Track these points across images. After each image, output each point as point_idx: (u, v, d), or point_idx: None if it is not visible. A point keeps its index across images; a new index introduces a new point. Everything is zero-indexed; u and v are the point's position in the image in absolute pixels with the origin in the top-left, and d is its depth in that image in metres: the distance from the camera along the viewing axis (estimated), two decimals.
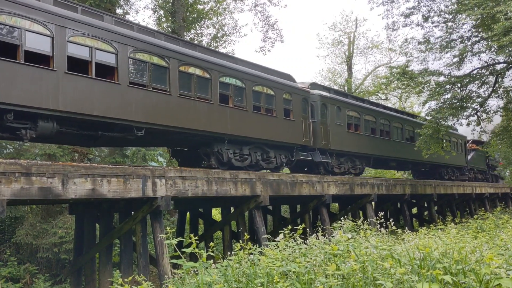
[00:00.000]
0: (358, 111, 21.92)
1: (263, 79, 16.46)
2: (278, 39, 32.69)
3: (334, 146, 19.40)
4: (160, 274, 11.40)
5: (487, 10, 16.21)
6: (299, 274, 5.27)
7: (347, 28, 45.49)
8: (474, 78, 19.93)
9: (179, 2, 27.47)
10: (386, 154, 23.86)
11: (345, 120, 20.66)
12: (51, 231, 17.82)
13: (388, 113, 25.07)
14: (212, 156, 14.56)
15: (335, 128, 19.77)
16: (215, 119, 14.11)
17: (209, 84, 14.20)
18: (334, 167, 19.68)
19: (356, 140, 21.31)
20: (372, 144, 22.49)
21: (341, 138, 20.03)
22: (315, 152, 18.53)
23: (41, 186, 8.99)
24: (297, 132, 17.56)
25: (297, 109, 17.81)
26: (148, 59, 12.49)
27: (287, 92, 17.41)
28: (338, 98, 20.65)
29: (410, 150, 25.54)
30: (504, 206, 29.78)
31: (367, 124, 22.49)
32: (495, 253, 6.36)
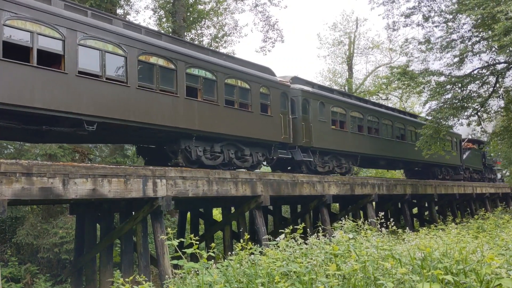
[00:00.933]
0: (343, 107, 20.87)
1: (237, 71, 15.43)
2: (278, 39, 32.69)
3: (317, 144, 18.45)
4: (161, 274, 11.40)
5: (487, 10, 16.20)
6: (300, 274, 5.27)
7: (348, 28, 45.51)
8: (475, 78, 19.92)
9: (179, 3, 27.48)
10: (375, 152, 22.90)
11: (330, 117, 19.68)
12: (51, 231, 17.83)
13: (376, 110, 24.02)
14: (179, 153, 13.63)
15: (318, 125, 18.81)
16: (181, 113, 13.10)
17: (174, 76, 13.17)
18: (318, 166, 18.79)
19: (342, 137, 20.36)
20: (359, 142, 21.53)
21: (325, 136, 19.08)
22: (296, 150, 17.66)
23: (42, 186, 8.99)
24: (275, 128, 16.60)
25: (275, 104, 16.84)
26: (102, 47, 11.42)
27: (264, 86, 16.45)
28: (321, 93, 19.64)
29: (401, 149, 24.97)
30: (504, 206, 29.75)
31: (353, 121, 21.50)
32: (495, 253, 6.37)
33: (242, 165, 15.65)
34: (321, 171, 18.89)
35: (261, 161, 16.47)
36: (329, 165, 19.65)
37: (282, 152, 17.15)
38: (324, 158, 19.37)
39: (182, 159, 13.66)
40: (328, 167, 19.60)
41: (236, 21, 35.13)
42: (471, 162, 34.48)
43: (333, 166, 19.93)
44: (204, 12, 31.43)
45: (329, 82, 45.45)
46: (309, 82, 19.82)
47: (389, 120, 24.65)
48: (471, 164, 34.48)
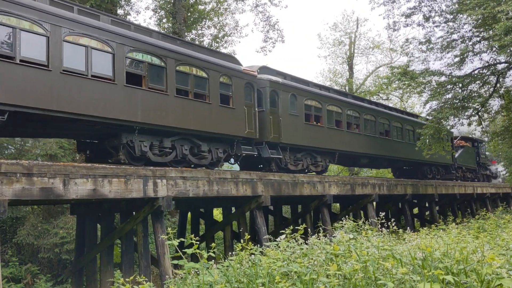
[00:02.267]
0: (319, 100, 19.26)
1: (192, 58, 13.82)
2: (279, 39, 32.69)
3: (287, 140, 16.97)
4: (161, 275, 11.40)
5: (488, 10, 16.20)
6: (301, 274, 5.27)
7: (348, 28, 45.50)
8: (475, 78, 19.92)
9: (180, 3, 27.49)
10: (355, 149, 21.34)
11: (303, 110, 18.10)
12: (52, 232, 17.84)
13: (357, 104, 22.30)
14: (121, 149, 12.14)
15: (289, 119, 17.27)
16: (120, 103, 11.51)
17: (112, 61, 11.57)
18: (289, 163, 17.49)
19: (317, 133, 18.75)
20: (337, 138, 19.95)
21: (297, 131, 17.56)
22: (263, 147, 16.17)
23: (42, 186, 9.00)
24: (238, 122, 15.06)
25: (238, 96, 15.29)
26: (16, 24, 9.78)
27: (225, 75, 14.88)
28: (293, 85, 17.98)
29: (386, 146, 23.60)
30: (505, 206, 29.73)
31: (330, 116, 19.90)
32: (496, 253, 6.36)
33: (199, 162, 14.20)
34: (293, 169, 17.61)
35: (222, 158, 14.94)
36: (302, 163, 18.26)
37: (246, 148, 15.57)
38: (297, 156, 17.99)
39: (124, 156, 12.19)
40: (301, 165, 18.22)
41: (236, 21, 35.17)
42: (464, 161, 32.85)
43: (307, 164, 18.53)
44: (204, 13, 31.45)
45: (330, 82, 45.45)
46: (280, 72, 18.20)
47: (371, 115, 22.99)
48: (464, 163, 32.85)
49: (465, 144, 34.05)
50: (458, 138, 34.64)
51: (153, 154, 12.76)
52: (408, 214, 23.81)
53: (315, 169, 19.21)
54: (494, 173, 40.08)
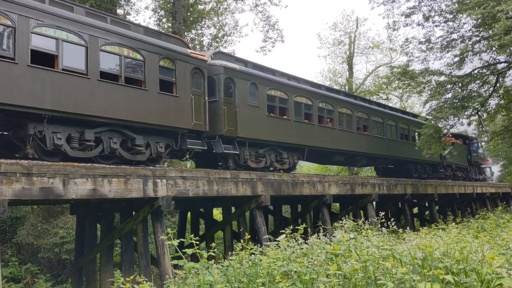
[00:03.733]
0: (285, 91, 17.45)
1: (122, 36, 11.95)
2: (278, 39, 32.69)
3: (244, 134, 15.31)
4: (161, 274, 11.41)
5: (488, 10, 16.20)
6: (301, 274, 5.27)
7: (348, 27, 45.51)
8: (475, 77, 19.92)
9: (179, 3, 27.48)
10: (328, 146, 19.55)
11: (265, 101, 16.38)
12: (52, 231, 17.84)
13: (330, 96, 20.37)
14: (28, 141, 10.39)
15: (248, 111, 15.57)
16: (23, 87, 9.80)
17: (11, 36, 9.76)
18: (249, 160, 15.79)
19: (282, 127, 17.03)
20: (306, 133, 18.21)
21: (258, 124, 15.88)
22: (216, 141, 14.60)
23: (42, 186, 9.00)
24: (182, 112, 13.35)
25: (184, 82, 13.56)
26: None
27: (166, 58, 13.19)
28: (253, 73, 16.17)
29: (364, 142, 22.02)
30: (505, 206, 29.75)
31: (299, 108, 18.07)
32: (496, 252, 6.36)
33: (133, 158, 12.47)
34: (254, 166, 15.95)
35: (163, 153, 13.22)
36: (265, 160, 16.56)
37: (192, 142, 13.86)
38: (259, 151, 16.35)
39: (34, 149, 10.48)
40: (264, 162, 16.50)
41: (236, 21, 35.15)
42: (454, 159, 30.81)
43: (271, 161, 16.82)
44: (204, 12, 31.44)
45: (329, 82, 45.45)
46: (239, 59, 16.59)
47: (347, 109, 21.12)
48: (454, 161, 30.86)
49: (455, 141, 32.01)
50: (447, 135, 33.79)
51: (72, 148, 11.00)
52: (408, 214, 23.82)
53: (281, 166, 17.41)
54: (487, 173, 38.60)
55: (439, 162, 28.59)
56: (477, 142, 36.21)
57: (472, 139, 35.12)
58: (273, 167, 17.10)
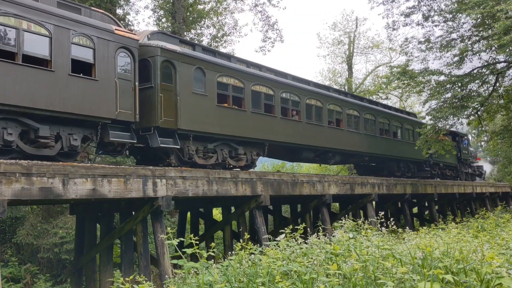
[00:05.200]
0: (241, 78, 15.53)
1: (19, 6, 10.01)
2: (278, 39, 32.70)
3: (188, 126, 13.45)
4: (161, 274, 11.41)
5: (487, 9, 16.21)
6: (301, 273, 5.27)
7: (348, 27, 45.52)
8: (475, 77, 19.94)
9: (179, 2, 27.48)
10: (292, 140, 17.71)
11: (214, 90, 14.49)
12: (52, 231, 17.84)
13: (297, 86, 18.36)
14: None
15: (192, 100, 13.70)
16: None
17: None
18: (195, 155, 14.01)
19: (236, 119, 15.24)
20: (266, 126, 16.39)
21: (205, 115, 14.07)
22: (152, 134, 12.78)
23: (41, 186, 8.99)
24: (103, 99, 11.42)
25: (106, 64, 11.62)
26: None
27: (82, 35, 11.11)
28: (200, 57, 14.23)
29: (336, 138, 20.23)
30: (505, 206, 29.76)
31: (257, 98, 16.23)
32: (496, 252, 6.36)
33: (37, 152, 10.53)
34: (202, 163, 14.24)
35: (78, 146, 11.23)
36: (216, 156, 14.83)
37: (116, 134, 11.97)
38: (208, 146, 14.52)
39: None
40: (215, 159, 14.76)
41: (235, 21, 35.14)
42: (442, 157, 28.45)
43: (223, 157, 15.00)
44: (203, 12, 31.44)
45: (329, 82, 45.46)
46: (185, 41, 14.98)
47: (317, 101, 19.23)
48: (442, 159, 28.81)
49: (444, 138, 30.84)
50: None
51: None
52: (408, 214, 23.83)
53: (236, 163, 15.61)
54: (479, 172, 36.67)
55: (425, 160, 26.61)
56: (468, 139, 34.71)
57: (462, 136, 33.27)
58: (227, 164, 15.23)
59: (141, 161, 14.48)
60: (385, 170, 25.42)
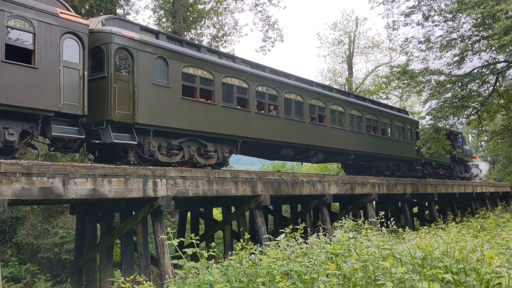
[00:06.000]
0: (210, 70, 14.35)
1: None
2: (278, 38, 32.73)
3: (147, 120, 12.31)
4: (161, 274, 11.41)
5: (487, 9, 16.21)
6: (301, 273, 5.28)
7: (348, 27, 45.53)
8: (475, 77, 19.95)
9: (179, 2, 27.49)
10: (269, 137, 16.50)
11: (179, 81, 13.34)
12: (52, 231, 17.85)
13: (275, 79, 17.11)
14: None
15: (153, 92, 12.57)
16: None
17: None
18: (157, 152, 12.92)
19: (204, 113, 14.02)
20: (239, 121, 15.23)
21: (168, 109, 12.94)
22: (105, 128, 11.62)
23: (42, 186, 9.00)
24: (44, 89, 10.30)
25: (48, 51, 10.53)
26: None
27: (19, 18, 10.03)
28: (163, 46, 13.17)
29: (319, 134, 19.03)
30: (505, 205, 29.77)
31: (229, 92, 15.08)
32: (496, 252, 6.36)
33: None
34: (165, 161, 13.13)
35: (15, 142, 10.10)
36: (183, 153, 13.72)
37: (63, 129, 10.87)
38: (172, 143, 13.42)
39: None
40: (181, 155, 13.68)
41: (236, 21, 35.20)
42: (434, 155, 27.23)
43: (190, 154, 13.87)
44: (204, 12, 31.45)
45: (329, 82, 45.45)
46: (147, 28, 13.81)
47: (297, 95, 18.02)
48: (434, 158, 27.45)
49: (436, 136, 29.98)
50: None
51: None
52: (408, 214, 23.83)
53: (206, 161, 14.48)
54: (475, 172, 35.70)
55: (416, 158, 25.71)
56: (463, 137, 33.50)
57: (456, 134, 31.82)
58: (195, 162, 14.10)
59: (100, 159, 13.29)
60: (373, 169, 24.14)
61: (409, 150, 24.98)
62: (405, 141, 25.18)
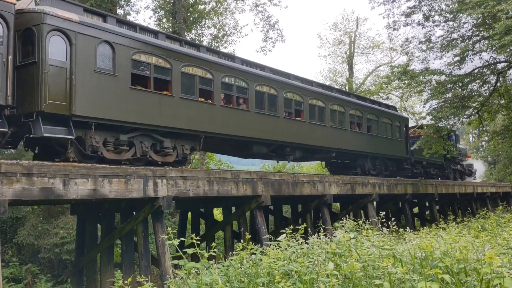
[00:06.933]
0: (166, 57, 12.94)
1: None
2: (279, 39, 32.72)
3: (87, 112, 10.86)
4: (162, 274, 11.40)
5: (488, 9, 16.21)
6: (301, 273, 5.27)
7: (348, 27, 45.55)
8: (475, 77, 19.95)
9: (179, 3, 27.50)
10: (237, 132, 15.04)
11: (128, 69, 11.91)
12: (52, 232, 17.86)
13: (244, 70, 15.63)
14: None
15: (95, 80, 11.11)
16: None
17: None
18: (103, 149, 11.52)
19: (160, 106, 12.60)
20: (201, 115, 13.80)
21: (114, 99, 11.48)
22: (35, 120, 10.22)
23: (42, 186, 9.00)
24: None
25: None
26: None
27: None
28: (109, 29, 11.65)
29: (296, 131, 17.61)
30: (505, 206, 29.76)
31: (190, 82, 13.64)
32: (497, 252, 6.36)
33: None
34: (112, 158, 11.79)
35: None
36: (134, 149, 12.33)
37: None
38: (120, 138, 11.94)
39: None
40: (133, 152, 12.33)
41: (236, 21, 35.16)
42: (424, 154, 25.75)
43: (143, 151, 12.48)
44: (204, 12, 31.45)
45: (330, 82, 45.45)
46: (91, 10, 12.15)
47: (270, 88, 16.58)
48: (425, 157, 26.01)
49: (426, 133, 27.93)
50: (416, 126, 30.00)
51: None
52: (409, 214, 23.82)
53: (163, 158, 13.15)
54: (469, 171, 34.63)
55: (405, 157, 24.48)
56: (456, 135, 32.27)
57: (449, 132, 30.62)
58: (150, 159, 12.78)
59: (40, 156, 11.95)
60: (358, 167, 22.46)
61: (397, 148, 23.83)
62: (394, 138, 23.98)
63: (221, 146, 16.81)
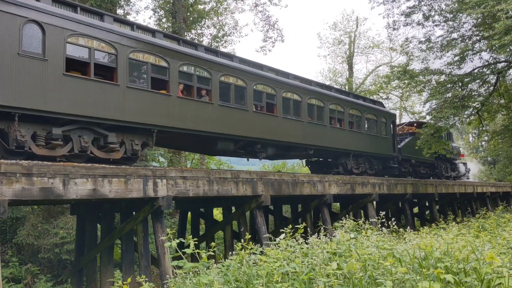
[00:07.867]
0: (110, 41, 11.43)
1: None
2: (278, 38, 32.73)
3: (8, 100, 9.53)
4: (162, 274, 11.39)
5: (488, 9, 16.21)
6: (299, 273, 5.27)
7: (348, 27, 45.57)
8: (475, 77, 19.94)
9: (179, 3, 27.49)
10: (197, 127, 13.59)
11: (62, 53, 10.47)
12: (52, 232, 17.84)
13: (205, 58, 14.15)
14: None
15: (20, 65, 9.74)
16: None
17: None
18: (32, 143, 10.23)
19: (102, 96, 11.18)
20: (153, 108, 12.37)
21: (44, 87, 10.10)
22: None
23: (42, 186, 8.99)
24: None
25: None
26: None
27: None
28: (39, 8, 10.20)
29: (267, 126, 16.16)
30: (505, 205, 29.75)
31: (138, 71, 12.36)
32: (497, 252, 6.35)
33: None
34: (44, 154, 10.43)
35: None
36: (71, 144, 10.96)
37: None
38: (53, 131, 10.52)
39: None
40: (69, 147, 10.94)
41: (236, 21, 35.19)
42: (414, 152, 24.71)
43: (81, 146, 11.07)
44: (204, 12, 31.46)
45: (329, 82, 45.45)
46: None
47: (237, 79, 15.15)
48: (414, 155, 25.09)
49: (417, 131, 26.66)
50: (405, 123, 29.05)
51: None
52: (408, 214, 23.82)
53: (107, 155, 11.73)
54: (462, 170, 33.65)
55: (392, 155, 23.28)
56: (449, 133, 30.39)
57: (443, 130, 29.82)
58: (92, 155, 11.39)
59: None
60: (340, 166, 20.94)
61: (383, 146, 22.41)
62: (379, 135, 22.56)
63: (181, 142, 15.53)
